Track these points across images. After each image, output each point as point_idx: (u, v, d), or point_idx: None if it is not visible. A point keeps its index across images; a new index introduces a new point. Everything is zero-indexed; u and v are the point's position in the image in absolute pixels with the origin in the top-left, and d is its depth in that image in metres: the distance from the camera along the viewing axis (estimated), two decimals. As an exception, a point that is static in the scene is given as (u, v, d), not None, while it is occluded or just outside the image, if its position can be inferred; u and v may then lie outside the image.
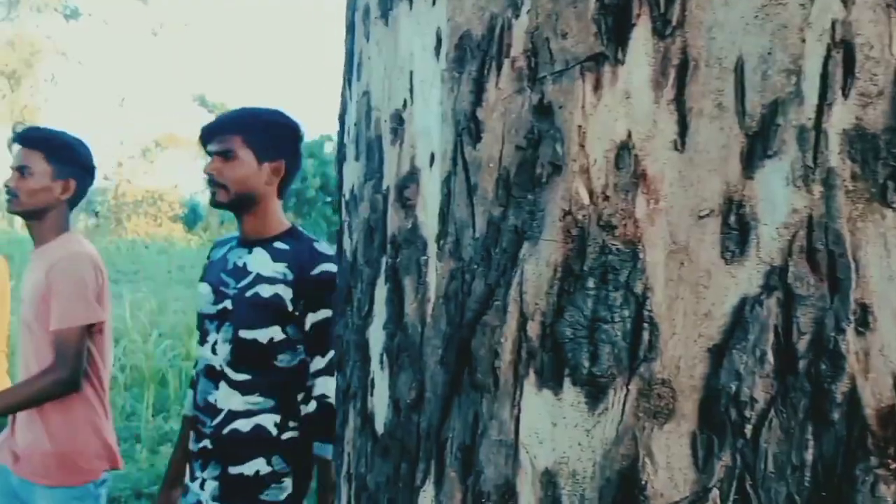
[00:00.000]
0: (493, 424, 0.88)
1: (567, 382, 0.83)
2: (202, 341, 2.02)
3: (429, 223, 1.00)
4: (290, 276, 1.91)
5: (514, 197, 0.89)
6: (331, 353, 1.86)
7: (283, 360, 1.97)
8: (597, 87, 0.84)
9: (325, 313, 1.91)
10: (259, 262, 1.97)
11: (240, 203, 2.01)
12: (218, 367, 1.97)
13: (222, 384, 1.96)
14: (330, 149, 18.71)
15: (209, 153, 2.01)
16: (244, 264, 1.99)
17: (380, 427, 1.07)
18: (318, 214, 17.26)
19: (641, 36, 0.82)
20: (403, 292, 1.04)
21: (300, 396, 1.96)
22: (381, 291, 1.09)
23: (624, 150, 0.82)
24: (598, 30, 0.84)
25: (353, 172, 1.23)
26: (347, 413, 1.23)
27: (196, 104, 19.35)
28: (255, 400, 1.94)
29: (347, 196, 1.26)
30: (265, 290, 1.92)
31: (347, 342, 1.24)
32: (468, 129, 0.94)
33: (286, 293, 1.90)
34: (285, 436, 1.97)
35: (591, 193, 0.83)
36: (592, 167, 0.83)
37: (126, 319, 7.40)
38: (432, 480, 0.96)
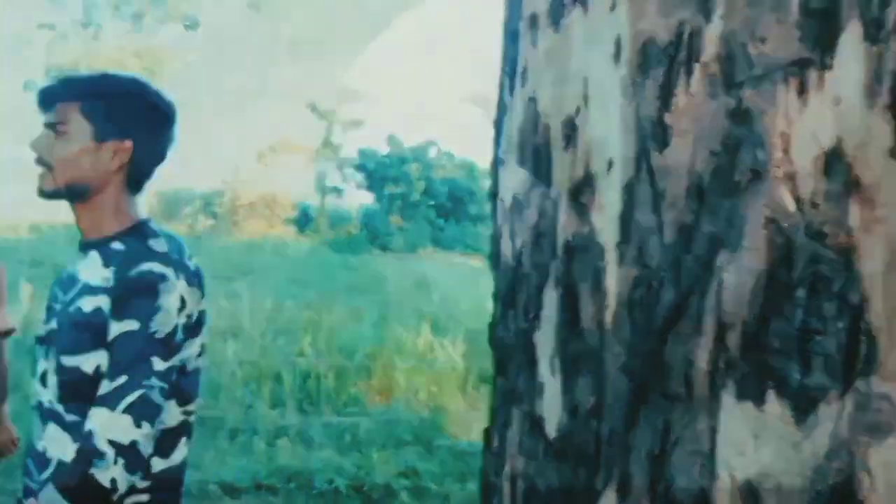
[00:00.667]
0: (686, 434, 0.87)
1: (771, 394, 0.81)
2: (34, 371, 1.59)
3: (607, 229, 1.00)
4: (112, 282, 1.45)
5: (708, 203, 0.88)
6: (121, 380, 1.39)
7: None
8: (801, 92, 0.82)
9: (130, 324, 1.41)
10: (90, 268, 1.51)
11: (70, 192, 1.52)
12: (47, 404, 1.51)
13: (51, 426, 1.50)
14: (434, 153, 18.90)
15: (44, 125, 1.56)
16: (75, 272, 1.54)
17: (551, 431, 1.08)
18: (422, 218, 17.47)
19: (851, 41, 0.80)
20: (578, 298, 1.04)
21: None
22: (551, 296, 1.09)
23: (834, 156, 0.80)
24: (802, 35, 0.82)
25: (515, 177, 1.24)
26: (510, 415, 1.23)
27: (308, 111, 19.96)
28: None
29: (508, 201, 1.27)
30: (87, 304, 1.46)
31: (511, 346, 1.25)
32: (654, 134, 0.94)
33: (107, 305, 1.44)
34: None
35: (797, 201, 0.81)
36: (799, 174, 0.81)
37: (242, 317, 7.68)
38: (615, 487, 0.96)
